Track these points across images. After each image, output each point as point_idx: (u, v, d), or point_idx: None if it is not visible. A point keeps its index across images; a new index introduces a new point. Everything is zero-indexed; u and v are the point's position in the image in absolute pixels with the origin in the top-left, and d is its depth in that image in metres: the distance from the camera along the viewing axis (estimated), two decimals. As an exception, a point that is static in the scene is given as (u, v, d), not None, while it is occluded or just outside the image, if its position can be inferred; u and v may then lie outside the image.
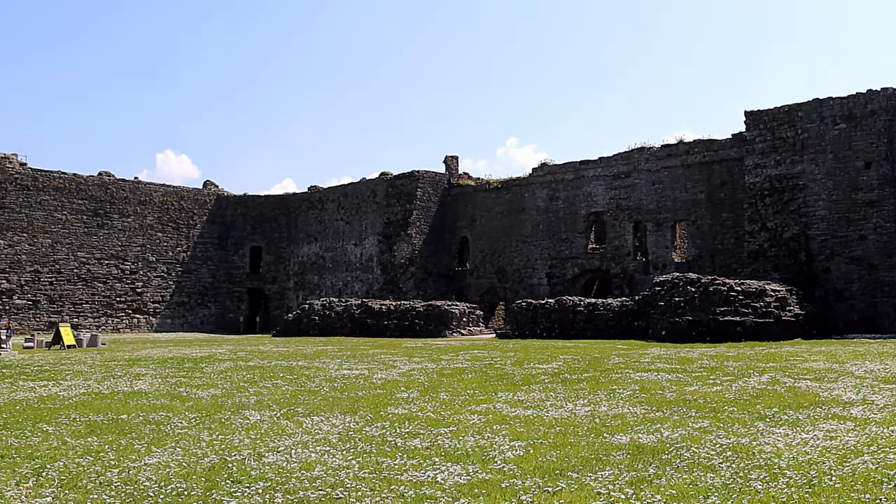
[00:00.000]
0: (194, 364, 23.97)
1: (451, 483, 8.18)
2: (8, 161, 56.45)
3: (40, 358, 28.27)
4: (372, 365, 22.81)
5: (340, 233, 62.09)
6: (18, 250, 55.50)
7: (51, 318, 55.49)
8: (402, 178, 57.59)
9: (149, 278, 61.65)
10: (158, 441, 10.82)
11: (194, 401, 15.02)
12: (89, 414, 13.42)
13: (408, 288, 55.43)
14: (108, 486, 8.37)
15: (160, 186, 63.42)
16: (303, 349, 31.39)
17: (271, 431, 11.45)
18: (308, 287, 64.10)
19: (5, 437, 11.29)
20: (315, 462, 9.29)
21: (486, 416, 12.59)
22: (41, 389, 17.25)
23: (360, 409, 13.62)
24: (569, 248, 50.79)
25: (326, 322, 47.08)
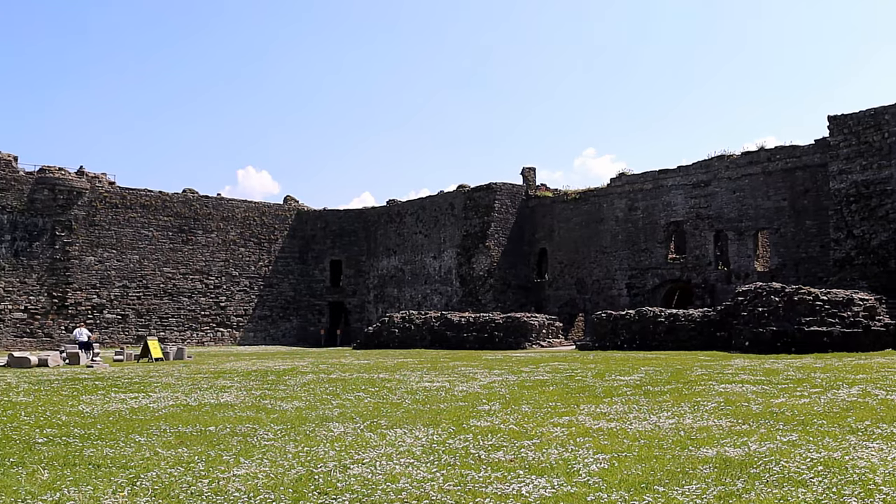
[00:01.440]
0: (277, 377, 24.31)
1: (536, 496, 8.15)
2: (98, 180, 58.30)
3: (130, 370, 28.98)
4: (452, 377, 22.85)
5: (419, 246, 62.44)
6: (108, 266, 57.21)
7: (139, 332, 56.99)
8: (480, 190, 57.69)
9: (232, 292, 62.90)
10: (246, 452, 10.99)
11: (279, 413, 15.23)
12: (178, 425, 13.70)
13: (486, 300, 55.44)
14: (199, 497, 8.53)
15: (242, 202, 64.72)
16: (383, 362, 31.61)
17: (355, 443, 11.55)
18: (388, 300, 64.57)
19: (100, 447, 11.59)
20: (400, 474, 9.35)
21: (569, 428, 12.51)
22: (132, 401, 17.68)
23: (443, 421, 13.66)
24: (648, 258, 50.24)
25: (406, 334, 47.34)
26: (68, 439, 12.28)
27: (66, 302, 55.82)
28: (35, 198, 55.13)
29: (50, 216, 55.48)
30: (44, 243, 55.27)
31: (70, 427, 13.62)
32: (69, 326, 54.96)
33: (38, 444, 11.84)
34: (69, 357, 34.49)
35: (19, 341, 53.62)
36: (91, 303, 56.86)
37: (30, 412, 15.74)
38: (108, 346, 53.36)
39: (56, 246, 55.61)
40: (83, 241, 56.68)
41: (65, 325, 55.43)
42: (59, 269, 55.71)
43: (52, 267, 55.49)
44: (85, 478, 9.50)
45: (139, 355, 37.56)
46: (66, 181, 56.29)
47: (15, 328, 54.01)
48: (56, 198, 55.67)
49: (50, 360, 32.48)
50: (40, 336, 54.57)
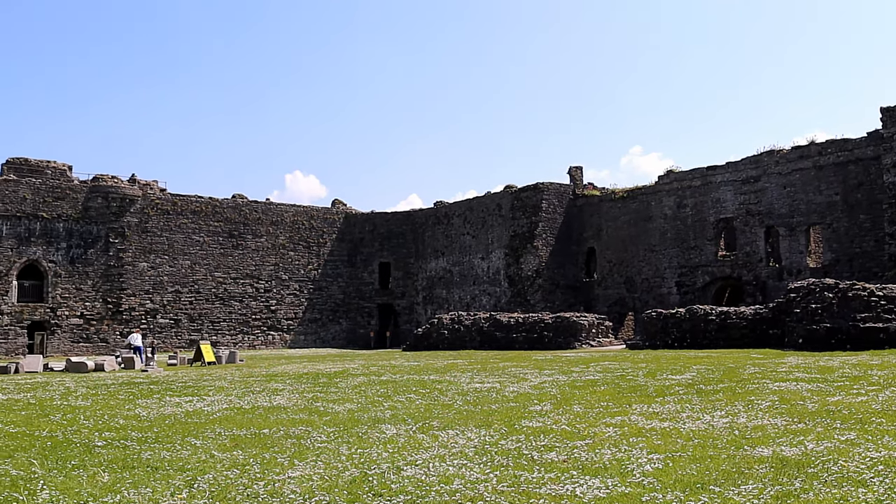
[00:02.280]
0: (329, 379, 24.48)
1: (590, 497, 8.14)
2: (150, 188, 59.23)
3: (183, 374, 29.37)
4: (503, 378, 22.84)
5: (467, 247, 62.47)
6: (160, 272, 58.10)
7: (191, 336, 57.76)
8: (527, 190, 57.57)
9: (282, 296, 63.49)
10: (300, 455, 11.09)
11: (331, 415, 15.35)
12: (233, 428, 13.86)
13: (535, 300, 55.31)
14: (255, 499, 8.63)
15: (291, 207, 65.31)
16: (433, 363, 31.67)
17: (408, 445, 11.60)
18: (436, 301, 64.69)
19: (157, 449, 11.77)
20: (453, 475, 9.37)
21: (622, 428, 12.46)
22: (187, 405, 17.91)
23: (495, 422, 13.67)
24: (698, 255, 49.76)
25: (455, 336, 47.38)
26: (126, 442, 12.49)
27: (120, 307, 56.77)
28: (89, 206, 56.15)
29: (104, 223, 56.46)
30: (98, 250, 56.26)
31: (127, 430, 13.85)
32: (124, 332, 55.89)
33: (97, 447, 12.06)
34: (124, 361, 35.09)
35: (76, 346, 54.63)
36: (144, 308, 57.76)
37: (88, 416, 16.04)
38: (162, 350, 54.14)
39: (110, 252, 56.59)
40: (136, 247, 57.60)
41: (119, 330, 56.38)
42: (114, 275, 56.67)
43: (107, 273, 56.47)
44: (143, 480, 9.66)
45: (192, 359, 38.06)
46: (119, 189, 57.24)
47: (72, 333, 55.04)
48: (109, 205, 56.63)
49: (106, 365, 33.05)
50: (96, 341, 55.55)
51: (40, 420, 15.47)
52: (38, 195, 54.57)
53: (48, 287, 54.96)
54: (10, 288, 53.65)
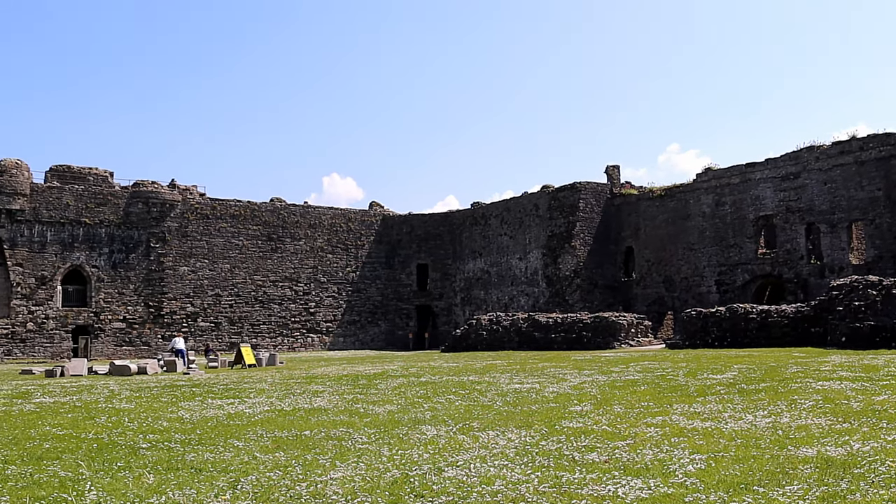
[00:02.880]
0: (368, 381, 24.54)
1: (632, 497, 8.11)
2: (189, 192, 59.88)
3: (225, 377, 29.58)
4: (542, 378, 22.79)
5: (504, 247, 62.41)
6: (201, 275, 58.72)
7: (231, 339, 58.29)
8: (564, 190, 57.39)
9: (321, 298, 63.86)
10: (341, 456, 11.14)
11: (371, 417, 15.40)
12: (274, 430, 13.96)
13: (574, 300, 55.12)
14: (297, 500, 8.69)
15: (328, 209, 65.67)
16: (472, 364, 31.66)
17: (449, 446, 11.62)
18: (474, 302, 64.69)
19: (201, 451, 11.88)
20: (494, 476, 9.38)
21: (663, 428, 12.39)
22: (228, 407, 18.05)
23: (535, 422, 13.65)
24: (738, 253, 49.31)
25: (494, 336, 47.35)
26: (170, 444, 12.62)
27: (161, 311, 57.43)
28: (130, 211, 56.86)
29: (145, 228, 57.15)
30: (139, 255, 56.96)
31: (171, 432, 14.00)
32: (165, 335, 56.56)
33: (142, 449, 12.20)
34: (166, 364, 35.46)
35: (119, 350, 55.35)
36: (185, 311, 58.38)
37: (133, 418, 16.23)
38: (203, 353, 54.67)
39: (151, 257, 57.27)
40: (176, 251, 58.25)
41: (161, 333, 57.04)
42: (155, 279, 57.34)
43: (148, 278, 57.15)
44: (188, 481, 9.75)
45: (233, 362, 38.34)
46: (159, 194, 57.91)
47: (115, 337, 55.77)
48: (150, 210, 57.31)
49: (149, 368, 33.41)
50: (138, 344, 56.24)
51: (86, 422, 15.67)
52: (80, 202, 55.38)
53: (91, 292, 55.77)
54: (55, 293, 54.51)
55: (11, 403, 19.70)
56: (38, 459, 11.47)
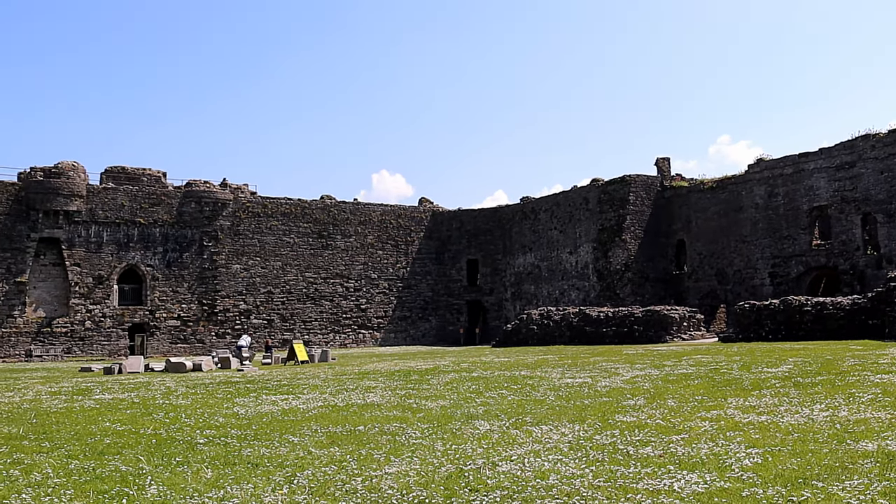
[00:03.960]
0: (420, 376, 24.65)
1: (688, 492, 8.06)
2: (241, 191, 60.57)
3: (278, 373, 29.90)
4: (594, 373, 22.72)
5: (554, 242, 62.17)
6: (253, 273, 59.38)
7: (284, 336, 58.85)
8: (614, 183, 57.00)
9: (372, 294, 64.21)
10: (395, 451, 11.22)
11: (424, 412, 15.48)
12: (328, 425, 14.09)
13: (625, 294, 54.75)
14: (353, 494, 8.78)
15: (378, 206, 65.97)
16: (524, 359, 31.64)
17: (502, 441, 11.65)
18: (525, 297, 64.55)
19: (257, 447, 12.05)
20: (549, 471, 9.39)
21: (718, 422, 12.29)
22: (283, 403, 18.27)
23: (588, 417, 13.62)
24: (791, 245, 48.57)
25: (545, 331, 47.23)
26: (226, 440, 12.81)
27: (215, 309, 58.16)
28: (183, 210, 57.65)
29: (197, 227, 57.91)
30: (193, 254, 57.74)
31: (227, 428, 14.20)
32: (219, 332, 57.33)
33: (199, 445, 12.40)
34: (221, 361, 35.92)
35: (174, 347, 56.18)
36: (238, 309, 59.07)
37: (189, 414, 16.49)
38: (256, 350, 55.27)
39: (204, 256, 58.02)
40: (229, 250, 58.94)
41: (215, 330, 57.79)
42: (208, 277, 58.09)
43: (202, 276, 57.91)
44: (245, 476, 9.90)
45: (286, 358, 38.72)
46: (212, 193, 58.62)
47: (170, 335, 56.61)
48: (202, 210, 58.04)
49: (203, 365, 33.88)
50: (193, 342, 57.02)
51: (144, 418, 15.96)
52: (135, 202, 56.28)
53: (146, 290, 56.66)
54: (112, 292, 55.47)
55: (73, 400, 20.12)
56: (99, 454, 11.71)
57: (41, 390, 23.59)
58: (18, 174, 55.31)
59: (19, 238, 53.21)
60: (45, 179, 54.01)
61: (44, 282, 54.32)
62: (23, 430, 14.49)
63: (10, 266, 52.91)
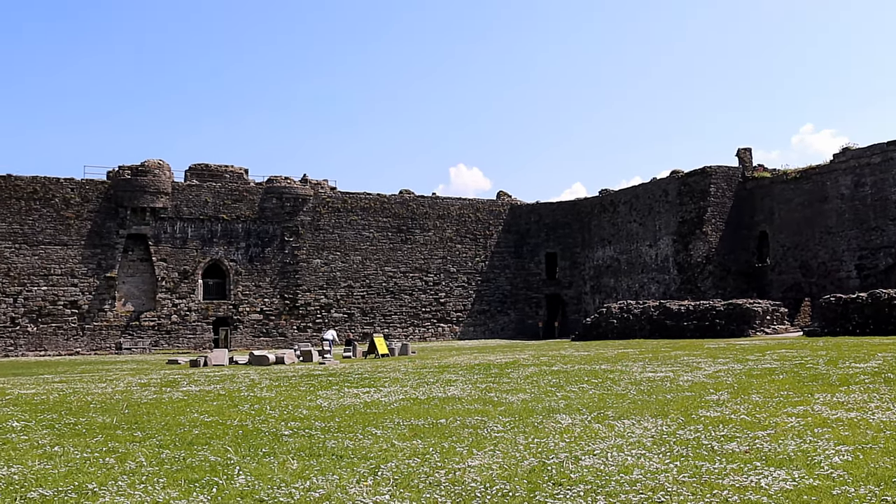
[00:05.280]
0: (500, 370, 24.65)
1: (776, 489, 7.94)
2: (321, 187, 61.38)
3: (359, 367, 30.20)
4: (676, 367, 22.46)
5: (634, 234, 61.58)
6: (333, 267, 60.15)
7: (364, 330, 59.48)
8: (694, 175, 56.20)
9: (451, 288, 64.47)
10: (477, 444, 11.26)
11: (505, 405, 15.49)
12: (410, 418, 14.19)
13: (706, 287, 53.98)
14: (437, 486, 8.85)
15: (456, 200, 66.16)
16: (604, 352, 31.43)
17: (584, 435, 11.61)
18: (604, 290, 64.10)
19: (341, 438, 12.20)
20: (632, 465, 9.34)
21: (805, 418, 12.06)
22: (364, 395, 18.44)
23: (671, 412, 13.49)
24: (880, 237, 47.24)
25: (624, 325, 46.85)
26: (311, 431, 13.00)
27: (296, 303, 59.09)
28: (265, 206, 58.67)
29: (279, 223, 58.88)
30: (274, 249, 58.75)
31: (311, 420, 14.41)
32: (300, 326, 58.23)
33: (284, 436, 12.61)
34: (302, 355, 36.46)
35: (256, 340, 57.26)
36: (319, 303, 59.90)
37: (274, 406, 16.77)
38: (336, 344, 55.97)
39: (285, 251, 58.97)
40: (309, 244, 59.79)
41: (296, 324, 58.71)
42: (290, 272, 59.03)
43: (283, 270, 58.89)
44: (330, 467, 10.05)
45: (366, 352, 39.10)
46: (292, 189, 59.55)
47: (252, 328, 57.71)
48: (283, 205, 59.00)
49: (286, 358, 34.41)
50: (275, 335, 58.03)
51: (230, 410, 16.29)
52: (218, 198, 57.47)
53: (230, 285, 57.86)
54: (196, 287, 56.80)
55: (161, 392, 20.64)
56: (189, 444, 12.01)
57: (131, 382, 24.26)
58: (107, 173, 57.04)
59: (108, 235, 54.83)
60: (132, 177, 55.56)
61: (132, 277, 55.87)
62: (116, 420, 14.92)
63: (100, 262, 54.57)
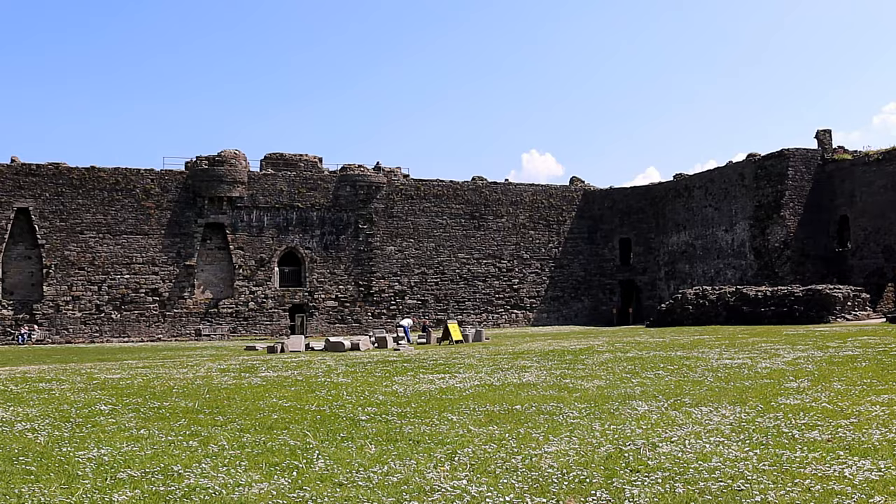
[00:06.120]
0: (574, 356, 24.57)
1: (860, 479, 7.80)
2: (394, 174, 61.78)
3: (433, 353, 30.33)
4: (753, 354, 22.14)
5: (709, 219, 60.65)
6: (407, 254, 60.53)
7: (438, 316, 59.76)
8: (771, 158, 55.08)
9: (524, 275, 64.38)
10: (553, 430, 11.27)
11: (580, 392, 15.47)
12: (486, 404, 14.25)
13: (783, 272, 52.95)
14: (514, 472, 8.89)
15: (529, 186, 65.95)
16: (679, 339, 31.09)
17: (661, 422, 11.54)
18: (679, 276, 63.32)
19: (417, 424, 12.31)
20: (710, 453, 9.26)
21: (890, 407, 11.80)
22: (439, 381, 18.55)
23: (749, 399, 13.32)
24: (969, 220, 45.75)
25: (700, 311, 46.24)
26: (387, 417, 13.15)
27: (371, 290, 59.62)
28: (339, 194, 59.26)
29: (353, 210, 59.43)
30: (349, 236, 59.34)
31: (387, 406, 14.57)
32: (375, 312, 58.79)
33: (361, 421, 12.78)
34: (377, 341, 36.80)
35: (332, 327, 57.94)
36: (393, 290, 60.34)
37: (350, 392, 16.98)
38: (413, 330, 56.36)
39: (359, 238, 59.51)
40: (383, 232, 60.23)
41: (370, 311, 59.27)
42: (364, 259, 59.56)
43: (357, 258, 59.44)
44: (407, 452, 10.16)
45: (440, 338, 39.28)
46: (366, 177, 60.03)
47: (328, 315, 58.42)
48: (357, 193, 59.52)
49: (361, 344, 34.75)
50: (350, 322, 58.65)
51: (308, 395, 16.54)
52: (293, 187, 58.25)
53: (305, 272, 58.66)
54: (273, 274, 57.71)
55: (241, 377, 21.05)
56: (268, 429, 12.25)
57: (211, 367, 24.77)
58: (186, 163, 58.24)
59: (187, 224, 56.01)
60: (209, 167, 56.63)
61: (210, 265, 57.00)
62: (198, 405, 15.28)
63: (179, 250, 55.78)
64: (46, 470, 9.63)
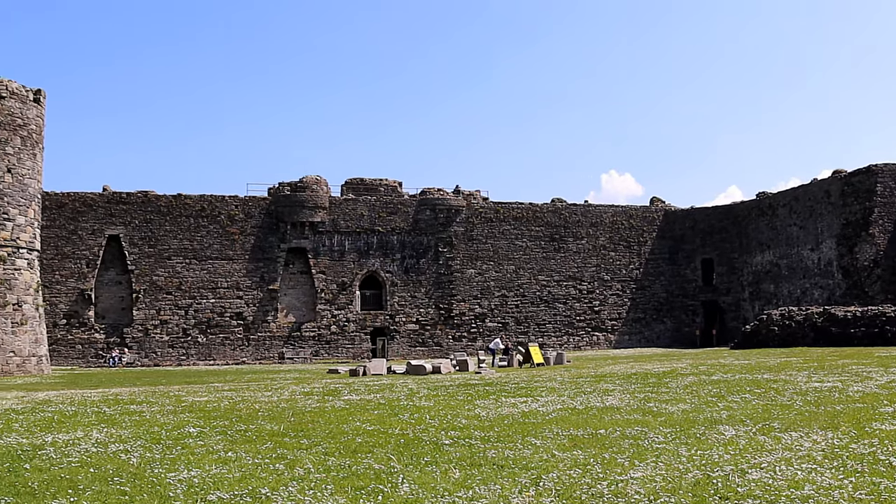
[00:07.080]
0: (658, 379, 24.23)
1: (964, 507, 7.56)
2: (473, 197, 62.02)
3: (514, 376, 30.22)
4: (844, 376, 21.55)
5: (794, 238, 59.32)
6: (487, 277, 60.57)
7: (518, 339, 59.49)
8: (858, 174, 53.69)
9: (605, 297, 63.79)
10: (639, 455, 11.14)
11: (665, 416, 15.25)
12: (569, 428, 14.13)
13: (874, 292, 51.44)
14: (600, 498, 8.80)
15: (609, 207, 65.46)
16: (765, 361, 30.43)
17: (749, 447, 11.32)
18: (763, 297, 62.00)
19: (501, 448, 12.27)
20: (803, 480, 9.05)
21: None
22: (522, 405, 18.45)
23: (841, 424, 12.97)
24: None
25: (786, 332, 45.17)
26: (470, 441, 13.13)
27: (451, 313, 59.75)
28: (419, 218, 59.67)
29: (432, 234, 59.76)
30: (429, 259, 59.64)
31: (470, 430, 14.54)
32: (455, 335, 58.90)
33: (445, 445, 12.79)
34: (458, 364, 36.83)
35: (413, 350, 58.20)
36: (474, 312, 60.39)
37: (433, 416, 17.00)
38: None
39: (440, 261, 59.77)
40: (463, 255, 60.40)
41: (451, 334, 59.37)
42: (444, 282, 59.77)
43: (438, 281, 59.68)
44: (491, 477, 10.14)
45: (521, 361, 39.14)
46: (445, 200, 60.34)
47: (409, 338, 58.71)
48: (437, 216, 59.84)
49: (442, 367, 34.82)
50: (430, 345, 58.84)
51: (391, 419, 16.61)
52: (373, 211, 58.87)
53: (386, 296, 59.11)
54: (354, 298, 58.31)
55: (324, 400, 21.26)
56: (353, 452, 12.34)
57: (295, 390, 25.06)
58: (268, 189, 59.40)
59: (270, 248, 57.02)
60: (291, 193, 57.65)
61: (293, 289, 57.86)
62: (283, 428, 15.47)
63: (263, 275, 56.78)
64: (140, 491, 9.88)
